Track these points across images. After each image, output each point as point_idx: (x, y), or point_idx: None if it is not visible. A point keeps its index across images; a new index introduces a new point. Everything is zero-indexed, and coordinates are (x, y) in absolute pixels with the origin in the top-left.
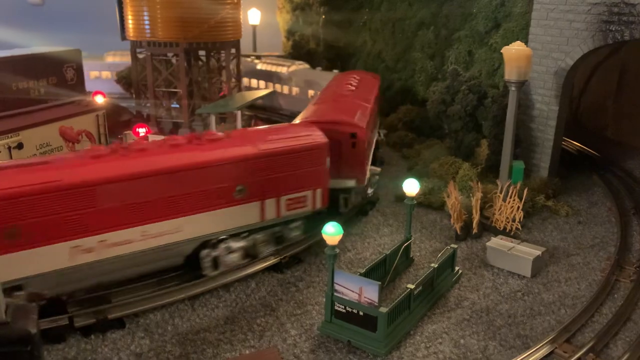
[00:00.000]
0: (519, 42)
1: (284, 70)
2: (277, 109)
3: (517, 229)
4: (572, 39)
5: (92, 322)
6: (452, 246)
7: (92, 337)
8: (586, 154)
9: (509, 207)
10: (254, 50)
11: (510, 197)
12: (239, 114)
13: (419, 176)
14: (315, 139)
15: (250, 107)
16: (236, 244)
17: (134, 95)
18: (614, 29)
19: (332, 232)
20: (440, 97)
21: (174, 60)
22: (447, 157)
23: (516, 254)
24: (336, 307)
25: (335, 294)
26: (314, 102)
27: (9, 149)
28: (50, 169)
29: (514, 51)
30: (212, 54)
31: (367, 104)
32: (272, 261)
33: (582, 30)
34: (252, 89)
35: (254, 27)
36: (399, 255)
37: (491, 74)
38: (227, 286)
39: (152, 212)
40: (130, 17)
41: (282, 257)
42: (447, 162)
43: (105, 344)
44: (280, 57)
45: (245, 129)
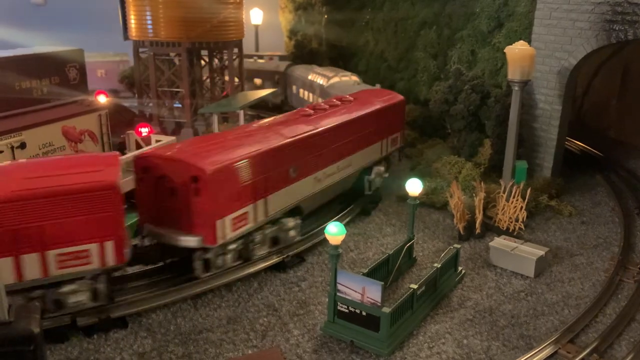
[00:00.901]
0: (522, 41)
1: (324, 81)
2: None
3: (520, 229)
4: (576, 38)
5: (95, 322)
6: (455, 246)
7: (95, 336)
8: (589, 153)
9: (512, 207)
10: (256, 50)
11: (513, 197)
12: (242, 113)
13: (421, 176)
14: (94, 178)
15: (252, 106)
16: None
17: (137, 94)
18: (617, 28)
19: (334, 232)
20: (443, 96)
21: (176, 60)
22: (449, 156)
23: (519, 254)
24: (339, 307)
25: (338, 294)
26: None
27: (12, 148)
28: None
29: (517, 51)
30: (214, 53)
31: (282, 139)
32: (274, 260)
33: (586, 29)
34: (299, 97)
35: (257, 26)
36: (402, 255)
37: (494, 73)
38: (230, 286)
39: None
40: (132, 16)
41: (285, 257)
42: (450, 162)
43: (107, 343)
44: (328, 68)
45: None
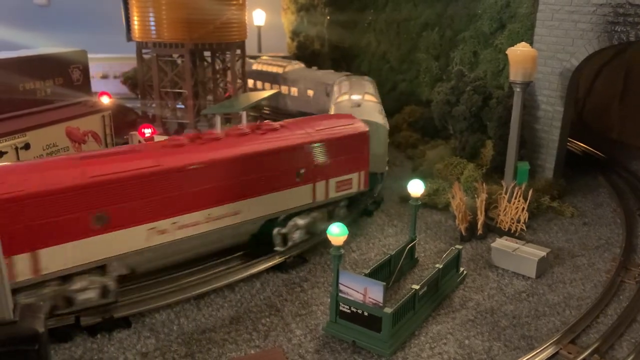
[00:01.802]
0: (524, 43)
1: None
2: None
3: (522, 230)
4: (578, 39)
5: (99, 321)
6: (457, 247)
7: (99, 336)
8: (591, 155)
9: (513, 208)
10: (259, 51)
11: (515, 198)
12: (244, 114)
13: (423, 177)
14: None
15: (255, 107)
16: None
17: (140, 95)
18: (619, 30)
19: (337, 232)
20: (445, 97)
21: (179, 61)
22: (451, 157)
23: (521, 255)
24: (341, 308)
25: (340, 295)
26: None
27: (16, 149)
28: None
29: (519, 52)
30: (217, 55)
31: (76, 179)
32: (276, 261)
33: (588, 31)
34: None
35: (259, 28)
36: (404, 255)
37: (496, 74)
38: (232, 286)
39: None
40: (135, 18)
41: (287, 257)
42: (452, 163)
43: (111, 343)
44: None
45: None
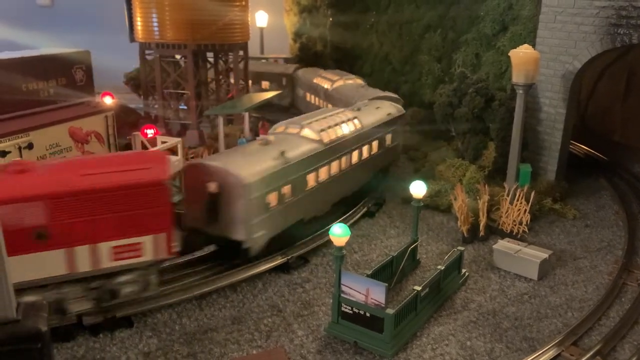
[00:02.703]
0: (526, 45)
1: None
2: None
3: (524, 231)
4: (580, 42)
5: (101, 321)
6: (459, 248)
7: (101, 335)
8: (594, 157)
9: (516, 210)
10: (261, 52)
11: (517, 200)
12: (247, 115)
13: (425, 178)
14: None
15: (258, 108)
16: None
17: (142, 96)
18: (622, 32)
19: (339, 233)
20: (447, 99)
21: (182, 62)
22: (454, 159)
23: (523, 257)
24: (343, 308)
25: (342, 295)
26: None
27: (20, 149)
28: None
29: (521, 54)
30: (220, 55)
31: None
32: (278, 261)
33: (590, 33)
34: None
35: (262, 29)
36: (406, 257)
37: (499, 76)
38: (234, 286)
39: None
40: (139, 18)
41: (289, 258)
42: (454, 165)
43: (113, 342)
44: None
45: None
